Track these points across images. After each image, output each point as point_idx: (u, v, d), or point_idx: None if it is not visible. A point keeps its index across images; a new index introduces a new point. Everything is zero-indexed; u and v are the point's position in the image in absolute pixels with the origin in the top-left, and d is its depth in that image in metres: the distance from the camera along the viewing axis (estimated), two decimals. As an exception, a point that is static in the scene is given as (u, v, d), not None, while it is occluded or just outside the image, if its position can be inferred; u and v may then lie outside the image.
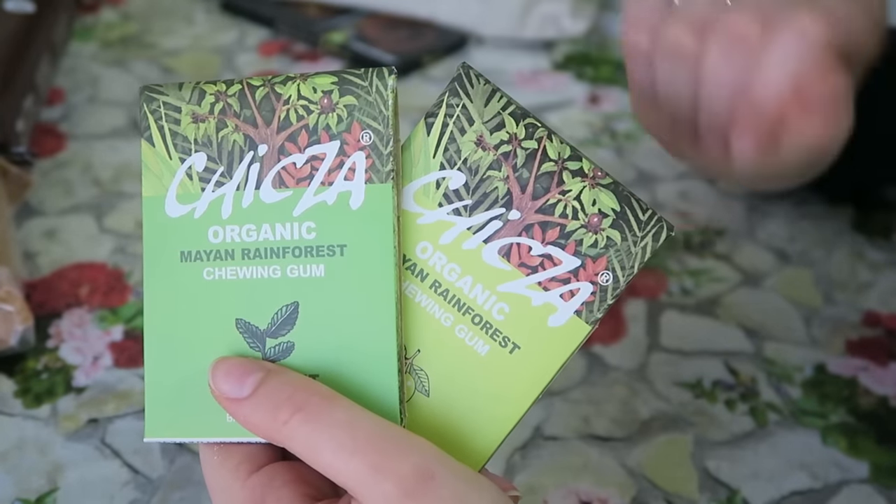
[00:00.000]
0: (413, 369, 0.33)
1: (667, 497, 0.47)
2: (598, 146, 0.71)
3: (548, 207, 0.32)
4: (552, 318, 0.32)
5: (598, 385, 0.52)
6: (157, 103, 0.34)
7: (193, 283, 0.33)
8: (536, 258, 0.32)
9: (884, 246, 0.64)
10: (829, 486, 0.48)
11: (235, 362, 0.32)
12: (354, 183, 0.32)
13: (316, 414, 0.30)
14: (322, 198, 0.32)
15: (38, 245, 0.59)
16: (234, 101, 0.33)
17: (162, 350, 0.33)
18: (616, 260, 0.32)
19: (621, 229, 0.32)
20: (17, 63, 0.65)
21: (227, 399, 0.31)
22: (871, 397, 0.53)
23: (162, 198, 0.33)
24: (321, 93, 0.33)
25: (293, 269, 0.32)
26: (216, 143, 0.33)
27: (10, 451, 0.47)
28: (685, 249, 0.62)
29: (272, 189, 0.33)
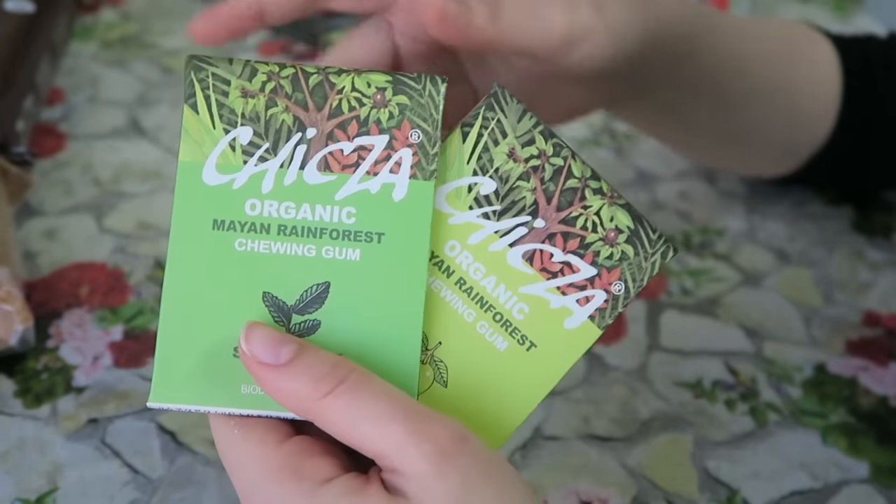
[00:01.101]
0: (433, 360, 0.34)
1: (667, 497, 0.47)
2: (598, 146, 0.71)
3: (570, 219, 0.35)
4: (568, 321, 0.34)
5: (598, 385, 0.52)
6: (205, 73, 0.34)
7: (223, 251, 0.33)
8: (557, 264, 0.34)
9: (884, 246, 0.64)
10: (829, 486, 0.48)
11: (270, 330, 0.32)
12: (399, 176, 0.34)
13: (357, 385, 0.31)
14: (366, 186, 0.33)
15: (38, 245, 0.59)
16: (287, 83, 0.34)
17: (180, 315, 0.33)
18: (629, 272, 0.35)
19: (635, 245, 0.35)
20: (17, 63, 0.65)
21: (262, 364, 0.31)
22: (871, 397, 0.53)
23: (200, 164, 0.33)
24: (375, 88, 0.34)
25: (328, 251, 0.33)
26: (264, 120, 0.34)
27: (10, 451, 0.47)
28: (685, 249, 0.62)
29: (317, 171, 0.33)
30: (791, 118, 0.57)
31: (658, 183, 0.68)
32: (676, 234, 0.64)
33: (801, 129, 0.58)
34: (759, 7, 0.92)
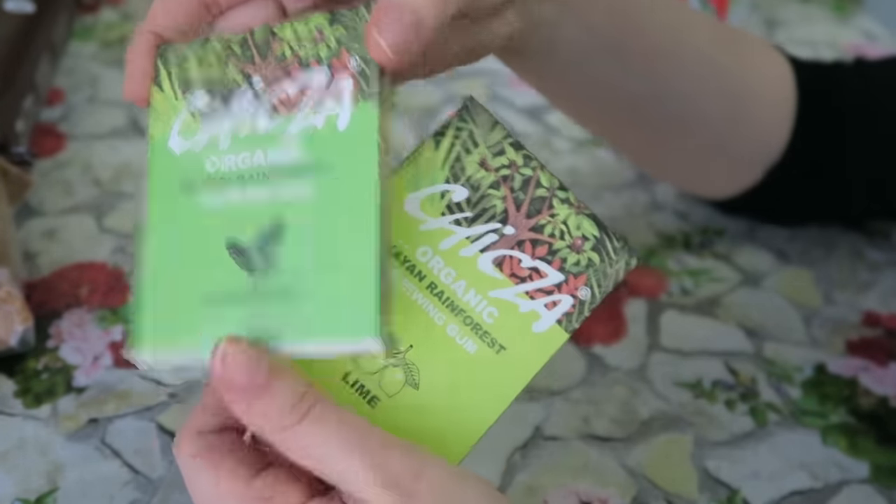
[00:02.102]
0: (405, 363, 0.35)
1: (667, 497, 0.47)
2: (597, 146, 0.71)
3: (539, 227, 0.36)
4: (536, 325, 0.35)
5: (598, 385, 0.52)
6: (169, 53, 0.36)
7: (190, 210, 0.34)
8: (526, 270, 0.35)
9: (884, 246, 0.64)
10: (829, 486, 0.48)
11: (244, 353, 0.32)
12: (342, 105, 0.34)
13: (321, 417, 0.31)
14: (312, 122, 0.34)
15: (38, 245, 0.59)
16: (237, 46, 0.35)
17: (157, 273, 0.34)
18: (594, 278, 0.35)
19: (600, 253, 0.36)
20: (17, 63, 0.65)
21: (237, 388, 0.31)
22: (871, 397, 0.53)
23: (167, 135, 0.35)
24: (314, 28, 0.35)
25: (283, 190, 0.34)
26: (218, 82, 0.35)
27: (10, 451, 0.47)
28: (685, 249, 0.62)
29: (266, 118, 0.35)
30: (737, 114, 0.55)
31: (658, 183, 0.68)
32: (676, 234, 0.64)
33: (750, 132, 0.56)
34: (759, 7, 0.92)
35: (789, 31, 0.88)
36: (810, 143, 0.58)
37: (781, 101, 0.57)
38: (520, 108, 0.75)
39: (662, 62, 0.51)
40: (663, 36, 0.51)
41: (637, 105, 0.53)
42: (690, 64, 0.52)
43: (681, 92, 0.53)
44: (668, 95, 0.53)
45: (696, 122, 0.54)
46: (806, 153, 0.58)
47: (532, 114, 0.74)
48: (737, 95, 0.55)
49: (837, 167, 0.58)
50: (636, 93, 0.52)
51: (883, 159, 0.57)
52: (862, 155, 0.58)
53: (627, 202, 0.66)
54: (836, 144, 0.58)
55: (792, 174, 0.58)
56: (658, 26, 0.51)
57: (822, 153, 0.58)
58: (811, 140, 0.57)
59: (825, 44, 0.87)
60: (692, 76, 0.53)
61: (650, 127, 0.54)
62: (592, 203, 0.66)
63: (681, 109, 0.53)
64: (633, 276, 0.60)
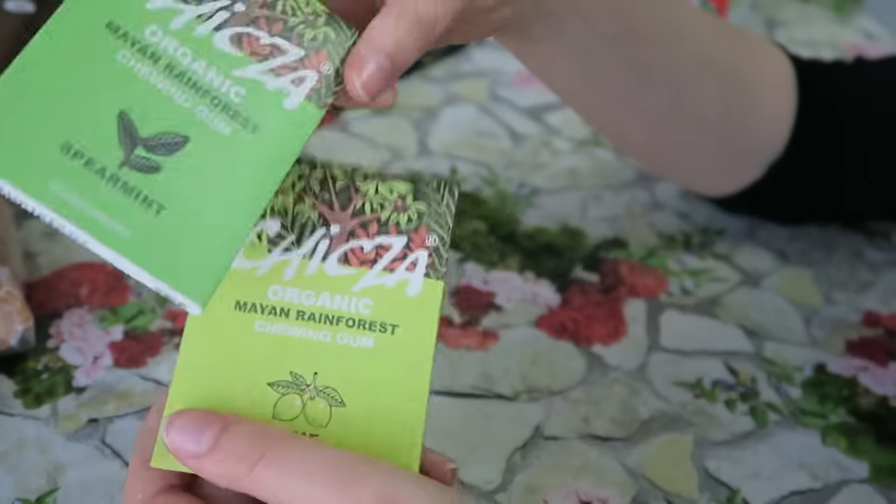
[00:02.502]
0: (320, 391, 0.34)
1: (667, 497, 0.47)
2: (597, 146, 0.71)
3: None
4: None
5: (598, 385, 0.52)
6: None
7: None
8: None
9: (884, 246, 0.64)
10: (829, 486, 0.48)
11: (191, 415, 0.32)
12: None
13: (274, 460, 0.31)
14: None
15: (38, 245, 0.59)
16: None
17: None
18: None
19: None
20: (17, 63, 0.65)
21: (187, 454, 0.31)
22: (871, 397, 0.53)
23: None
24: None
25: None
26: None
27: (10, 451, 0.47)
28: (685, 249, 0.62)
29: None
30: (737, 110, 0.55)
31: (658, 183, 0.68)
32: (677, 234, 0.64)
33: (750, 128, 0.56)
34: (759, 7, 0.92)
35: (789, 31, 0.88)
36: (810, 141, 0.58)
37: (782, 97, 0.57)
38: (520, 108, 0.75)
39: (663, 57, 0.51)
40: (664, 31, 0.51)
41: (637, 99, 0.53)
42: (691, 59, 0.52)
43: (681, 86, 0.53)
44: (669, 90, 0.53)
45: (696, 118, 0.54)
46: (806, 151, 0.58)
47: (532, 114, 0.74)
48: (737, 91, 0.55)
49: (836, 166, 0.58)
50: (636, 86, 0.52)
51: (882, 159, 0.57)
52: (861, 154, 0.58)
53: (628, 202, 0.66)
54: (835, 143, 0.58)
55: (792, 171, 0.58)
56: (659, 21, 0.51)
57: (821, 151, 0.58)
58: (811, 138, 0.58)
59: (825, 44, 0.87)
60: (692, 71, 0.53)
61: (650, 121, 0.54)
62: (593, 203, 0.66)
63: (681, 104, 0.54)
64: (633, 276, 0.60)
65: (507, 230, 0.63)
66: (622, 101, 0.53)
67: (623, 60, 0.50)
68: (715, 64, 0.54)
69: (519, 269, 0.60)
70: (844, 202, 0.60)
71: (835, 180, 0.59)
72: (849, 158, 0.58)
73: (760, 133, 0.57)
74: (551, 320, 0.56)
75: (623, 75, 0.51)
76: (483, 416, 0.50)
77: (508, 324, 0.56)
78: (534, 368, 0.53)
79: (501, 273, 0.59)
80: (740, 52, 0.55)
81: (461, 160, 0.69)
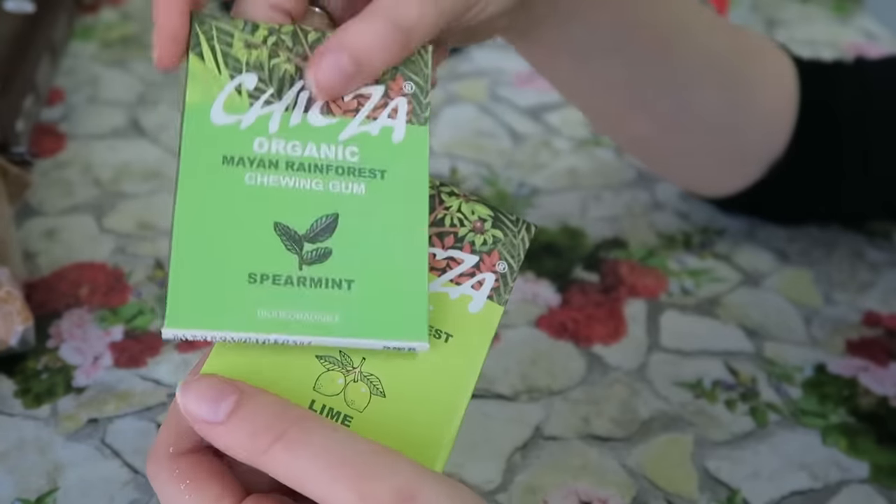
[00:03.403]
0: (363, 376, 0.34)
1: (667, 497, 0.47)
2: (597, 146, 0.71)
3: (438, 221, 0.36)
4: (471, 306, 0.36)
5: (598, 385, 0.52)
6: (208, 26, 0.35)
7: (234, 185, 0.34)
8: (442, 261, 0.36)
9: (884, 246, 0.64)
10: (829, 486, 0.48)
11: (208, 383, 0.31)
12: (397, 121, 0.35)
13: (293, 443, 0.30)
14: (366, 128, 0.35)
15: (38, 245, 0.59)
16: (287, 37, 0.36)
17: (192, 245, 0.33)
18: (505, 252, 0.37)
19: (501, 228, 0.37)
20: (17, 63, 0.65)
21: (202, 422, 0.31)
22: (871, 397, 0.53)
23: (208, 105, 0.34)
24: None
25: (335, 185, 0.34)
26: (267, 69, 0.35)
27: (10, 451, 0.47)
28: (685, 249, 0.62)
29: (320, 114, 0.35)
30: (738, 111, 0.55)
31: (658, 183, 0.68)
32: (677, 234, 0.64)
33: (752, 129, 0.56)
34: (759, 7, 0.92)
35: (789, 31, 0.88)
36: (810, 142, 0.58)
37: (784, 99, 0.57)
38: (520, 108, 0.75)
39: (665, 57, 0.51)
40: (667, 32, 0.51)
41: (639, 99, 0.53)
42: (693, 59, 0.52)
43: (683, 87, 0.53)
44: (671, 90, 0.53)
45: (697, 118, 0.54)
46: (806, 151, 0.58)
47: (532, 114, 0.74)
48: (739, 92, 0.55)
49: (836, 166, 0.58)
50: (638, 86, 0.52)
51: (883, 158, 0.57)
52: (861, 154, 0.58)
53: (628, 202, 0.66)
54: (835, 143, 0.58)
55: (792, 172, 0.58)
56: (663, 22, 0.51)
57: (821, 152, 0.58)
58: (811, 138, 0.57)
59: (825, 44, 0.87)
60: (695, 72, 0.53)
61: (651, 120, 0.54)
62: (593, 203, 0.66)
63: (682, 105, 0.54)
64: (633, 276, 0.60)
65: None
66: (624, 101, 0.53)
67: (626, 61, 0.51)
68: (717, 65, 0.54)
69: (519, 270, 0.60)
70: (845, 202, 0.60)
71: (835, 180, 0.59)
72: (849, 158, 0.58)
73: (761, 134, 0.57)
74: (551, 320, 0.56)
75: (625, 76, 0.51)
76: (483, 416, 0.50)
77: (508, 324, 0.56)
78: (534, 368, 0.53)
79: (501, 273, 0.59)
80: (743, 53, 0.55)
81: (461, 160, 0.69)
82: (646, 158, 0.61)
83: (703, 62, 0.53)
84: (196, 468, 0.32)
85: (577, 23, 0.47)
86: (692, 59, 0.52)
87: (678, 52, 0.52)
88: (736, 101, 0.55)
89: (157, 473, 0.33)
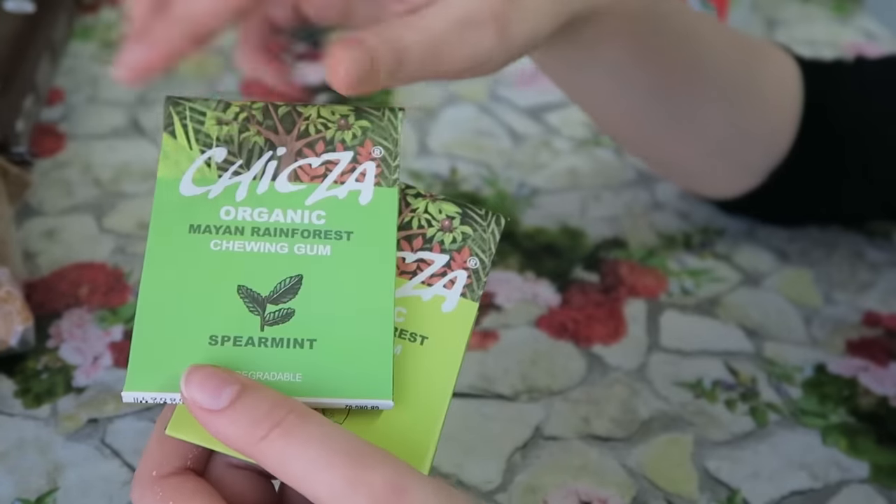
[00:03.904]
0: None
1: (667, 497, 0.47)
2: (597, 146, 0.71)
3: (405, 224, 0.37)
4: (444, 306, 0.36)
5: (598, 385, 0.52)
6: (182, 107, 0.37)
7: (200, 251, 0.35)
8: (412, 264, 0.36)
9: (884, 246, 0.64)
10: (829, 486, 0.48)
11: (211, 371, 0.31)
12: (364, 184, 0.36)
13: (292, 429, 0.30)
14: (334, 192, 0.36)
15: (38, 245, 0.59)
16: (258, 112, 0.37)
17: (156, 310, 0.34)
18: (476, 247, 0.37)
19: (469, 224, 0.37)
20: (17, 63, 0.65)
21: (202, 409, 0.31)
22: (871, 397, 0.53)
23: (177, 179, 0.36)
24: (339, 115, 0.37)
25: (300, 247, 0.35)
26: (237, 142, 0.36)
27: (10, 451, 0.47)
28: (685, 249, 0.62)
29: (287, 182, 0.36)
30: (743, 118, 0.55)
31: (658, 183, 0.68)
32: (677, 234, 0.64)
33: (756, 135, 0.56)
34: (759, 7, 0.92)
35: (789, 31, 0.88)
36: (811, 142, 0.58)
37: (788, 103, 0.57)
38: (520, 108, 0.75)
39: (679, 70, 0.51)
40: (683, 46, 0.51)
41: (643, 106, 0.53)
42: (704, 71, 0.52)
43: (689, 96, 0.53)
44: (676, 98, 0.53)
45: (701, 125, 0.54)
46: (806, 152, 0.58)
47: (532, 114, 0.74)
48: (746, 102, 0.55)
49: (837, 166, 0.58)
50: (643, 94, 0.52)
51: (883, 158, 0.57)
52: (862, 154, 0.58)
53: (628, 202, 0.66)
54: (835, 143, 0.58)
55: (793, 174, 0.58)
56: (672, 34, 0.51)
57: (822, 152, 0.58)
58: (811, 139, 0.57)
59: (825, 44, 0.87)
60: (701, 81, 0.53)
61: (655, 126, 0.54)
62: (593, 203, 0.66)
63: (687, 112, 0.54)
64: (633, 276, 0.60)
65: (506, 230, 0.63)
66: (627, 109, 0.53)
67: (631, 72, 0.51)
68: (728, 78, 0.54)
69: (519, 269, 0.60)
70: (845, 203, 0.60)
71: (835, 181, 0.59)
72: (849, 158, 0.58)
73: (767, 140, 0.57)
74: (551, 320, 0.56)
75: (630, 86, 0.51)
76: (483, 416, 0.50)
77: (508, 324, 0.56)
78: (534, 368, 0.53)
79: (501, 273, 0.59)
80: (753, 64, 0.55)
81: (461, 160, 0.69)
82: (645, 160, 0.61)
83: (709, 74, 0.53)
84: (180, 488, 0.33)
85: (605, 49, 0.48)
86: (698, 70, 0.52)
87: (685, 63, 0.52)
88: (742, 111, 0.55)
89: (142, 497, 0.33)
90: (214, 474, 0.34)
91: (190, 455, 0.34)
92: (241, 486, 0.34)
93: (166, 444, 0.33)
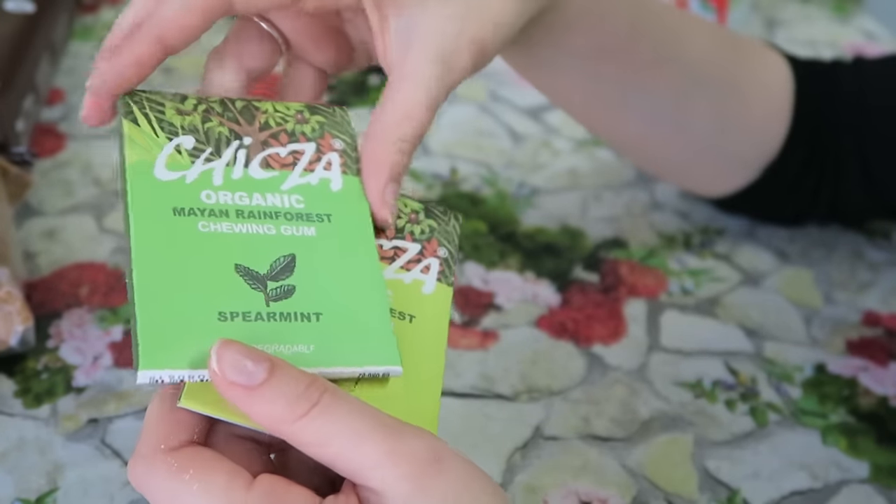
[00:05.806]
0: None
1: (667, 497, 0.47)
2: (597, 146, 0.71)
3: None
4: (424, 288, 0.38)
5: (598, 385, 0.52)
6: (139, 97, 0.37)
7: (188, 232, 0.34)
8: (389, 251, 0.38)
9: (884, 246, 0.64)
10: (829, 486, 0.48)
11: (242, 348, 0.31)
12: (332, 173, 0.37)
13: (329, 407, 0.31)
14: (307, 179, 0.37)
15: (38, 245, 0.59)
16: (216, 104, 0.38)
17: (156, 290, 0.33)
18: (442, 238, 0.39)
19: (433, 218, 0.39)
20: (17, 63, 0.65)
21: (234, 385, 0.30)
22: (871, 397, 0.53)
23: (150, 163, 0.35)
24: (294, 111, 0.38)
25: (286, 229, 0.36)
26: (202, 131, 0.37)
27: (10, 451, 0.47)
28: (685, 249, 0.62)
29: (260, 168, 0.37)
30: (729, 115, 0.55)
31: (658, 183, 0.68)
32: (677, 234, 0.64)
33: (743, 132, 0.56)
34: (759, 7, 0.92)
35: (789, 31, 0.88)
36: (809, 142, 0.58)
37: (778, 104, 0.57)
38: (520, 108, 0.75)
39: (659, 66, 0.51)
40: (662, 41, 0.51)
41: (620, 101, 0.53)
42: (687, 68, 0.53)
43: (675, 93, 0.53)
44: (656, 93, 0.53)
45: (687, 123, 0.55)
46: (804, 151, 0.58)
47: (532, 114, 0.74)
48: (731, 102, 0.55)
49: (835, 165, 0.58)
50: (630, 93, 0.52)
51: (882, 158, 0.57)
52: (860, 153, 0.58)
53: (628, 202, 0.66)
54: (834, 143, 0.58)
55: (789, 172, 0.58)
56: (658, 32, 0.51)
57: (820, 151, 0.58)
58: (809, 138, 0.58)
59: (825, 44, 0.87)
60: (687, 81, 0.53)
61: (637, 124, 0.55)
62: (593, 203, 0.66)
63: (673, 113, 0.54)
64: (633, 275, 0.60)
65: (507, 230, 0.63)
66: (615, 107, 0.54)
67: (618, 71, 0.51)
68: (712, 75, 0.54)
69: (519, 269, 0.60)
70: (843, 202, 0.60)
71: (833, 180, 0.59)
72: (848, 158, 0.58)
73: (754, 138, 0.57)
74: (551, 320, 0.56)
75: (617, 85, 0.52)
76: (483, 416, 0.50)
77: (508, 324, 0.56)
78: (534, 368, 0.53)
79: (501, 273, 0.59)
80: (738, 62, 0.55)
81: (461, 160, 0.69)
82: (636, 160, 0.61)
83: (698, 75, 0.53)
84: (197, 457, 0.32)
85: (573, 35, 0.48)
86: (685, 69, 0.53)
87: (671, 62, 0.52)
88: (728, 112, 0.55)
89: (150, 472, 0.32)
90: (217, 446, 0.34)
91: (197, 428, 0.33)
92: (243, 456, 0.34)
93: (173, 418, 0.32)
